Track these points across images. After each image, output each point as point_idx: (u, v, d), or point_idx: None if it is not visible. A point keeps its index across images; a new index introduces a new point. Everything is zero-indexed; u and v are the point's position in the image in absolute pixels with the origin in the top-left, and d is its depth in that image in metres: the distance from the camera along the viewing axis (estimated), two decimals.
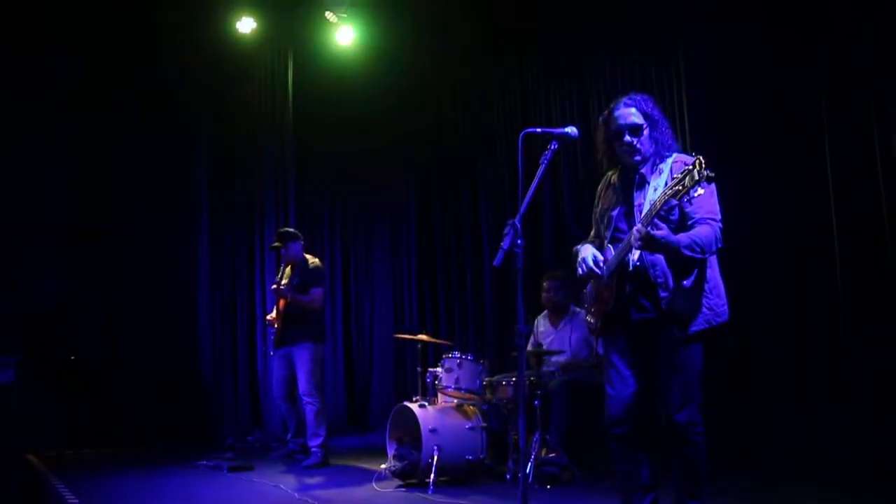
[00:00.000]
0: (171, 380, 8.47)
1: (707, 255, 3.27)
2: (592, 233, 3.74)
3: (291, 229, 6.90)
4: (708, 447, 3.41)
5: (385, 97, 9.02)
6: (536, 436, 5.41)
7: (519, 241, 3.22)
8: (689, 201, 3.07)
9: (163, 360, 8.48)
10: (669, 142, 3.46)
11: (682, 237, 3.23)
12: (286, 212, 8.93)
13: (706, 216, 3.30)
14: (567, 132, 3.46)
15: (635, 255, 3.32)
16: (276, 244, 6.82)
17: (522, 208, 3.30)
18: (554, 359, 5.94)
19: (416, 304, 9.24)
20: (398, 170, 9.44)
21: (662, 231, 3.17)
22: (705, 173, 2.90)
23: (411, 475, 5.46)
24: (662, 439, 3.43)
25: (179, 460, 6.94)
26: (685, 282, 3.31)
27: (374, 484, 5.52)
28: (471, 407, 5.77)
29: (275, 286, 6.71)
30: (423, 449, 5.33)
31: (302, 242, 6.84)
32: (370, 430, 8.78)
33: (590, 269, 3.47)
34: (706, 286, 3.36)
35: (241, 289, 8.93)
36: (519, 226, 3.23)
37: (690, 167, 2.97)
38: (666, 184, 3.29)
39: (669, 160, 3.42)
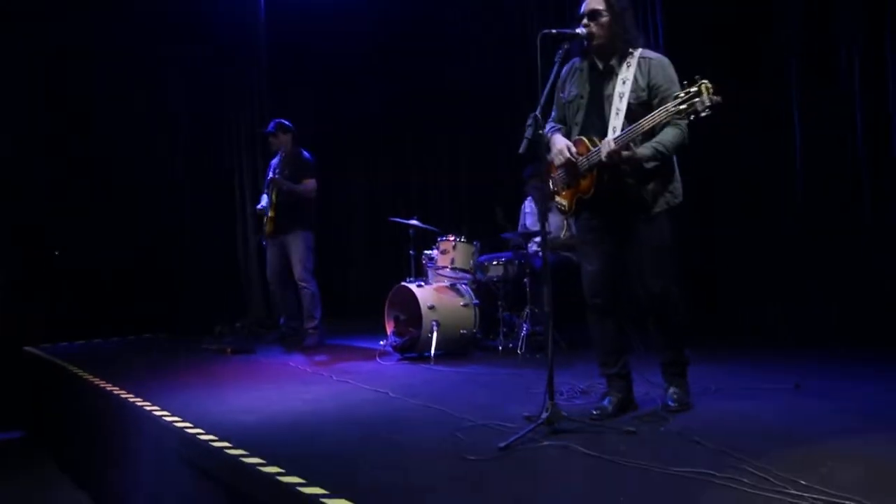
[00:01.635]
0: (156, 272, 8.71)
1: (674, 153, 3.55)
2: (555, 115, 3.91)
3: (286, 121, 7.04)
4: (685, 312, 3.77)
5: None
6: (527, 310, 5.90)
7: (541, 132, 3.46)
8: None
9: (147, 253, 8.71)
10: (633, 33, 3.65)
11: (646, 149, 3.48)
12: (261, 100, 9.16)
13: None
14: (578, 32, 3.69)
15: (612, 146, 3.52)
16: (271, 132, 6.98)
17: (542, 101, 3.49)
18: (538, 239, 6.36)
19: (398, 190, 9.37)
20: (388, 65, 9.37)
21: (629, 152, 3.45)
22: (715, 99, 3.16)
23: (411, 349, 5.89)
24: (642, 308, 3.74)
25: (178, 345, 7.27)
26: (650, 184, 3.61)
27: (377, 358, 5.94)
28: (463, 285, 6.18)
29: (271, 177, 6.91)
30: (423, 325, 5.75)
31: (294, 134, 7.01)
32: (348, 316, 9.09)
33: (567, 159, 3.68)
34: (670, 174, 3.66)
35: (222, 180, 9.20)
36: (541, 117, 3.45)
37: (696, 90, 3.19)
38: (636, 79, 3.54)
39: (637, 55, 3.62)
